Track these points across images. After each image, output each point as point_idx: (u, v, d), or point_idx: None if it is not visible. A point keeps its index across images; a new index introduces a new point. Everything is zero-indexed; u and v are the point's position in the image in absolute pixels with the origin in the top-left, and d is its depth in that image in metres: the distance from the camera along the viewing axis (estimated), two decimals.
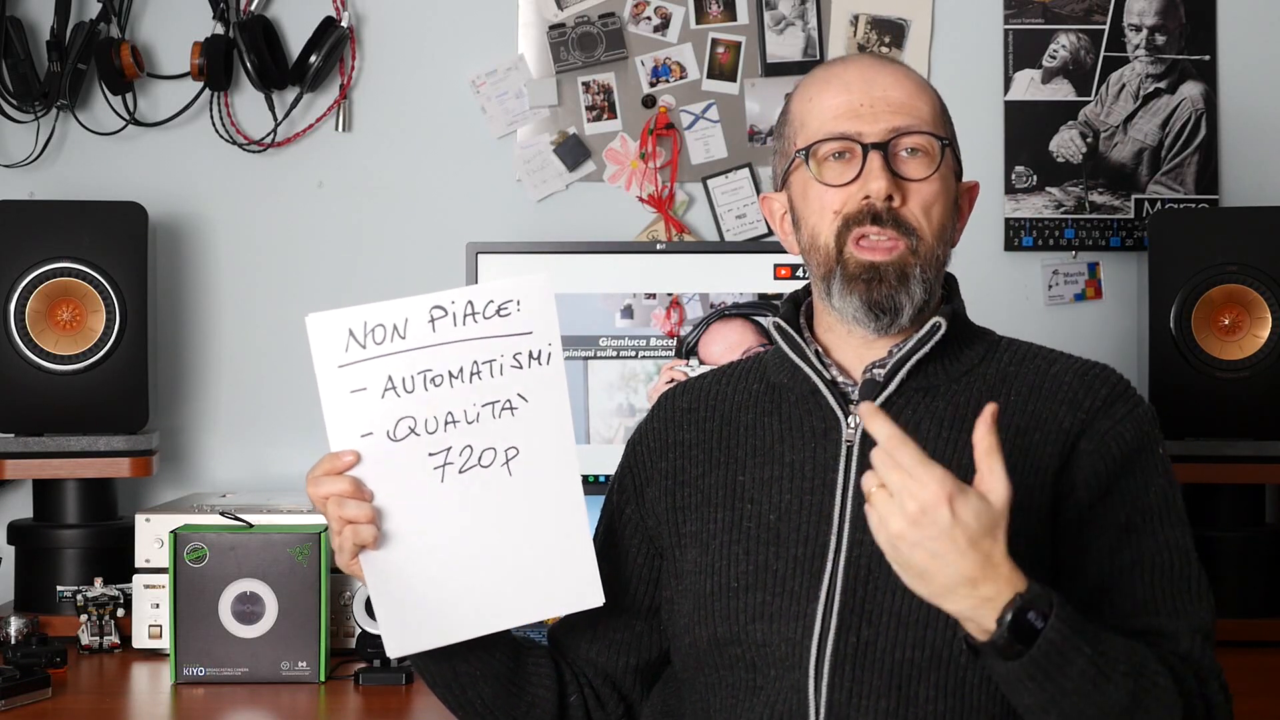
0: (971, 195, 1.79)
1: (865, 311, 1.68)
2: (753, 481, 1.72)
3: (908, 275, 1.67)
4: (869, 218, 1.67)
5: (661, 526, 1.78)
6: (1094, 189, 2.97)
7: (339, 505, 1.66)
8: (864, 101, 1.69)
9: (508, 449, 1.69)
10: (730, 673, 1.68)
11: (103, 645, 2.57)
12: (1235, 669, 1.77)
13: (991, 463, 1.47)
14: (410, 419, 1.67)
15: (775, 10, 2.97)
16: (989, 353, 1.73)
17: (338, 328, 1.66)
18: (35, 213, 2.77)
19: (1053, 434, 1.67)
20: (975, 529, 1.44)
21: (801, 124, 1.73)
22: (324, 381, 1.67)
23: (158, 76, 2.99)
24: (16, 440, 2.74)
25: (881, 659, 1.61)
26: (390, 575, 1.69)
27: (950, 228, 1.72)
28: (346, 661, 2.48)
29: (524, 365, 1.68)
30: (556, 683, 1.80)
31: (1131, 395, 1.70)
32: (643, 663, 1.82)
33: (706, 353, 2.69)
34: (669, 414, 1.82)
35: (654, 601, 1.81)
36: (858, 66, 1.75)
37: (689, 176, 2.99)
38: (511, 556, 1.70)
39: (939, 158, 1.70)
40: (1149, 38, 2.96)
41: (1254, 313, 2.70)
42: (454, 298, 1.67)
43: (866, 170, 1.67)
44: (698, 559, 1.72)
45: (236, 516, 2.50)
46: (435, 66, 3.00)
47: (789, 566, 1.66)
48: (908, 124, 1.69)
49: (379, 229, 3.00)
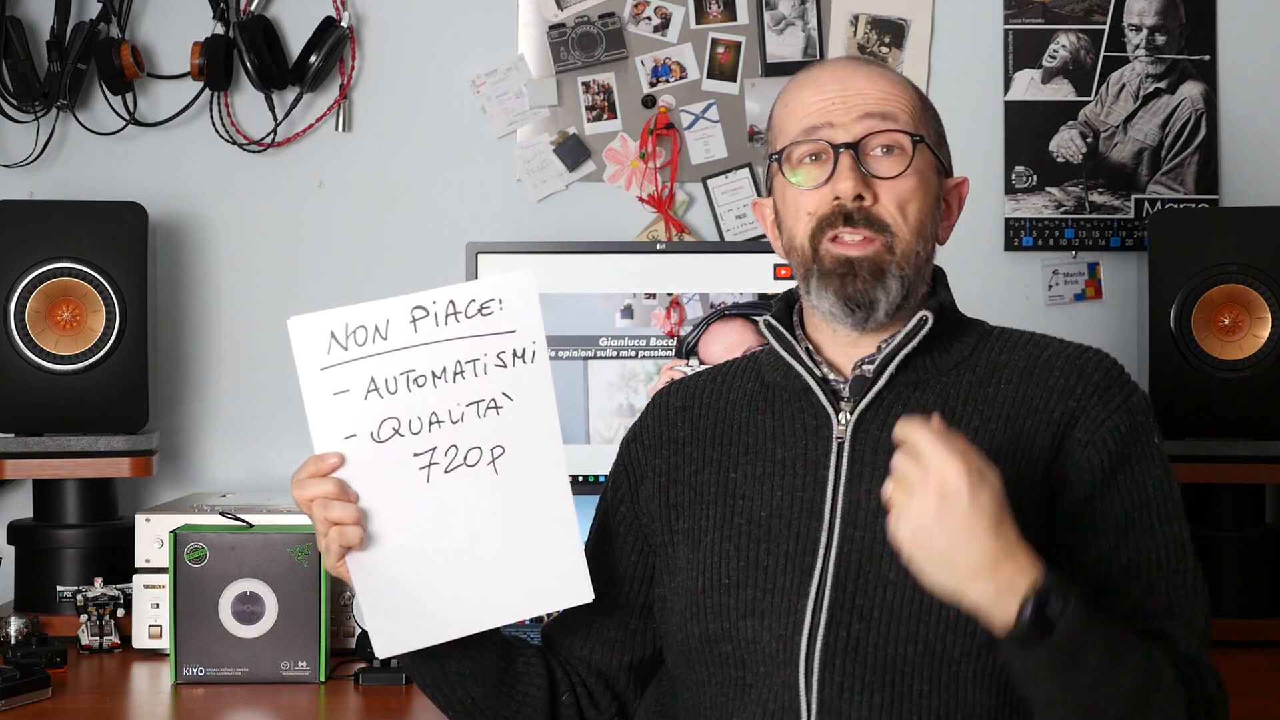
0: (960, 192, 1.78)
1: (840, 306, 1.68)
2: (745, 478, 1.72)
3: (883, 271, 1.67)
4: (841, 218, 1.68)
5: (655, 524, 1.78)
6: (1094, 189, 2.97)
7: (324, 507, 1.67)
8: (836, 101, 1.71)
9: (494, 448, 1.69)
10: (720, 670, 1.68)
11: (103, 645, 2.57)
12: (1235, 669, 1.77)
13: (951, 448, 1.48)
14: (394, 420, 1.67)
15: (775, 10, 2.97)
16: (979, 344, 1.73)
17: (319, 330, 1.66)
18: (35, 213, 2.77)
19: (1044, 422, 1.66)
20: (991, 511, 1.47)
21: (779, 129, 1.76)
22: (307, 384, 1.67)
23: (158, 76, 2.99)
24: (16, 440, 2.74)
25: (873, 654, 1.61)
26: (377, 576, 1.69)
27: (931, 224, 1.72)
28: (346, 661, 2.48)
29: (508, 364, 1.68)
30: (548, 681, 1.80)
31: (1125, 381, 1.69)
32: (636, 661, 1.82)
33: (706, 353, 2.69)
34: (663, 412, 1.82)
35: (648, 599, 1.81)
36: (833, 67, 1.76)
37: (689, 176, 2.99)
38: (499, 555, 1.70)
39: (912, 155, 1.70)
40: (1149, 38, 2.96)
41: (1254, 313, 2.70)
42: (435, 298, 1.67)
43: (837, 172, 1.68)
44: (689, 556, 1.72)
45: (236, 516, 2.50)
46: (435, 66, 3.00)
47: (780, 563, 1.66)
48: (880, 124, 1.69)
49: (379, 229, 3.00)
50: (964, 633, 1.58)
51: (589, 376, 2.75)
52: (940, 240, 1.75)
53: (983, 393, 1.68)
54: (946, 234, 1.76)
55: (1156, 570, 1.64)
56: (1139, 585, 1.63)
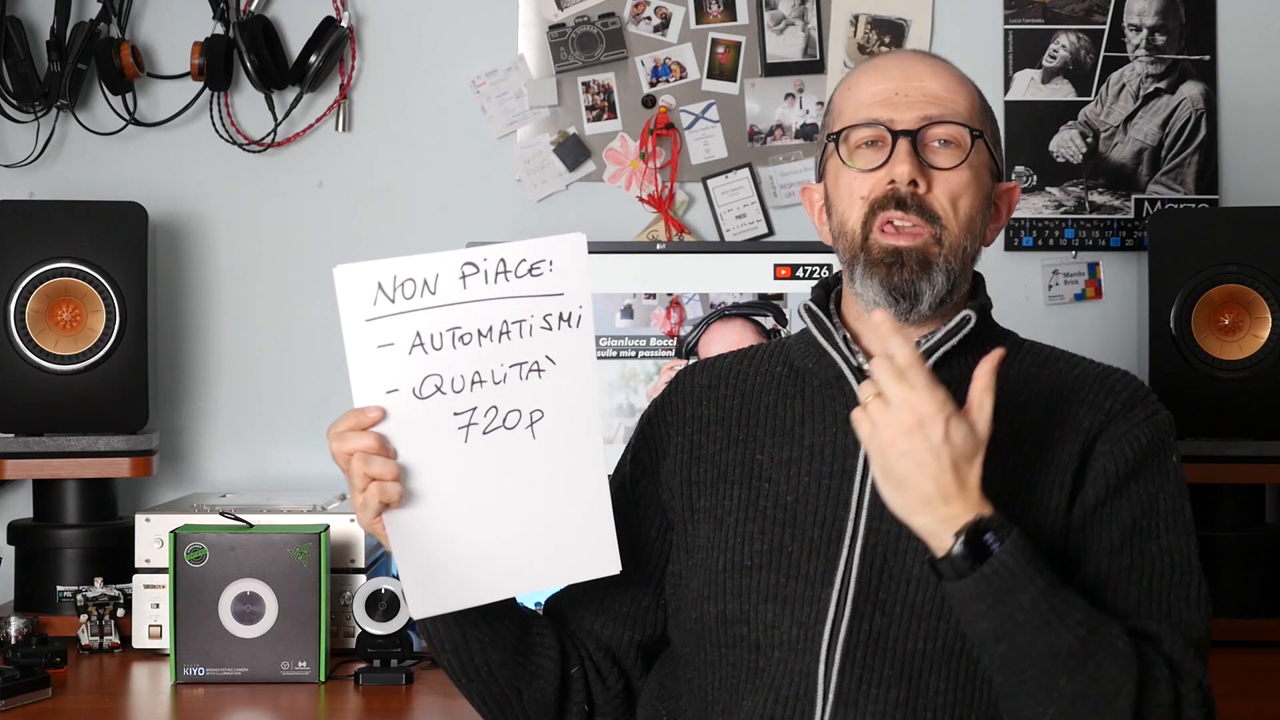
0: (1011, 198, 1.80)
1: (885, 296, 1.69)
2: (771, 461, 1.72)
3: (930, 262, 1.68)
4: (894, 202, 1.68)
5: (675, 500, 1.78)
6: (1094, 189, 2.97)
7: (364, 461, 1.63)
8: (899, 90, 1.71)
9: (533, 411, 1.66)
10: (731, 652, 1.68)
11: (103, 645, 2.57)
12: (1235, 669, 1.77)
13: (984, 399, 1.54)
14: (437, 377, 1.63)
15: (775, 10, 2.97)
16: (1012, 354, 1.73)
17: (366, 280, 1.62)
18: (35, 213, 2.77)
19: (1072, 433, 1.68)
20: (960, 451, 1.51)
21: (839, 112, 1.76)
22: (350, 335, 1.62)
23: (158, 76, 2.99)
24: (16, 440, 2.74)
25: (893, 649, 1.61)
26: (413, 535, 1.65)
27: (980, 222, 1.73)
28: (346, 661, 2.48)
29: (554, 327, 1.65)
30: (560, 654, 1.78)
31: (1151, 401, 1.71)
32: (645, 638, 1.81)
33: (706, 353, 2.69)
34: (687, 390, 1.82)
35: (662, 577, 1.80)
36: (899, 58, 1.78)
37: (689, 176, 2.99)
38: (532, 521, 1.67)
39: (969, 149, 1.71)
40: (1149, 38, 2.96)
41: (1254, 313, 2.70)
42: (486, 255, 1.64)
43: (894, 156, 1.69)
44: (711, 535, 1.72)
45: (236, 516, 2.50)
46: (435, 66, 3.00)
47: (804, 550, 1.66)
48: (940, 114, 1.70)
49: (379, 229, 3.00)
50: None
51: None
52: (987, 242, 1.76)
53: (1015, 400, 1.69)
54: (993, 236, 1.77)
55: (1156, 576, 1.64)
56: (1137, 588, 1.63)
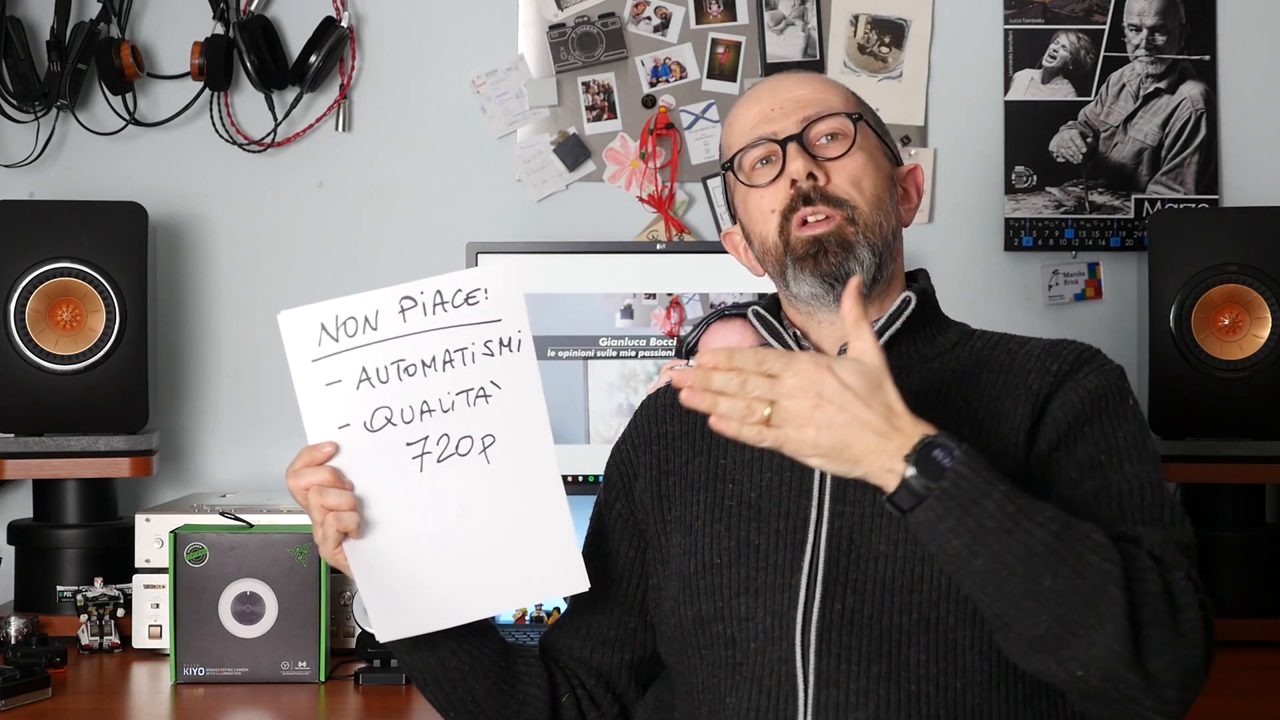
0: (916, 178, 1.85)
1: (819, 284, 1.74)
2: (734, 463, 1.75)
3: (850, 242, 1.73)
4: (802, 201, 1.74)
5: (649, 517, 1.81)
6: (1094, 189, 2.97)
7: (320, 494, 1.69)
8: (773, 105, 1.79)
9: (484, 436, 1.70)
10: (711, 651, 1.70)
11: (103, 645, 2.57)
12: (1235, 669, 1.77)
13: (859, 330, 1.56)
14: (386, 409, 1.69)
15: (775, 10, 2.97)
16: (962, 340, 1.79)
17: (310, 322, 1.69)
18: (35, 213, 2.77)
19: (1023, 397, 1.70)
20: (861, 385, 1.51)
21: (728, 146, 1.83)
22: (299, 376, 1.69)
23: (158, 76, 2.99)
24: (16, 440, 2.74)
25: (869, 625, 1.62)
26: (374, 562, 1.70)
27: (889, 200, 1.78)
28: (346, 661, 2.48)
29: (495, 353, 1.70)
30: (548, 682, 1.82)
31: (1101, 358, 1.73)
32: (636, 659, 1.84)
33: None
34: (651, 412, 1.87)
35: (645, 596, 1.83)
36: (766, 81, 1.86)
37: (689, 176, 2.99)
38: (494, 543, 1.71)
39: (855, 134, 1.77)
40: (1149, 38, 2.96)
41: (1254, 313, 2.70)
42: (423, 288, 1.70)
43: (786, 160, 1.75)
44: (682, 541, 1.75)
45: (236, 516, 2.50)
46: (435, 66, 3.00)
47: (771, 541, 1.69)
48: (816, 112, 1.77)
49: (379, 229, 3.00)
50: (958, 600, 1.60)
51: (589, 376, 2.75)
52: (905, 222, 1.82)
53: (965, 379, 1.73)
54: (910, 216, 1.83)
55: (1126, 498, 1.63)
56: (1108, 510, 1.62)
